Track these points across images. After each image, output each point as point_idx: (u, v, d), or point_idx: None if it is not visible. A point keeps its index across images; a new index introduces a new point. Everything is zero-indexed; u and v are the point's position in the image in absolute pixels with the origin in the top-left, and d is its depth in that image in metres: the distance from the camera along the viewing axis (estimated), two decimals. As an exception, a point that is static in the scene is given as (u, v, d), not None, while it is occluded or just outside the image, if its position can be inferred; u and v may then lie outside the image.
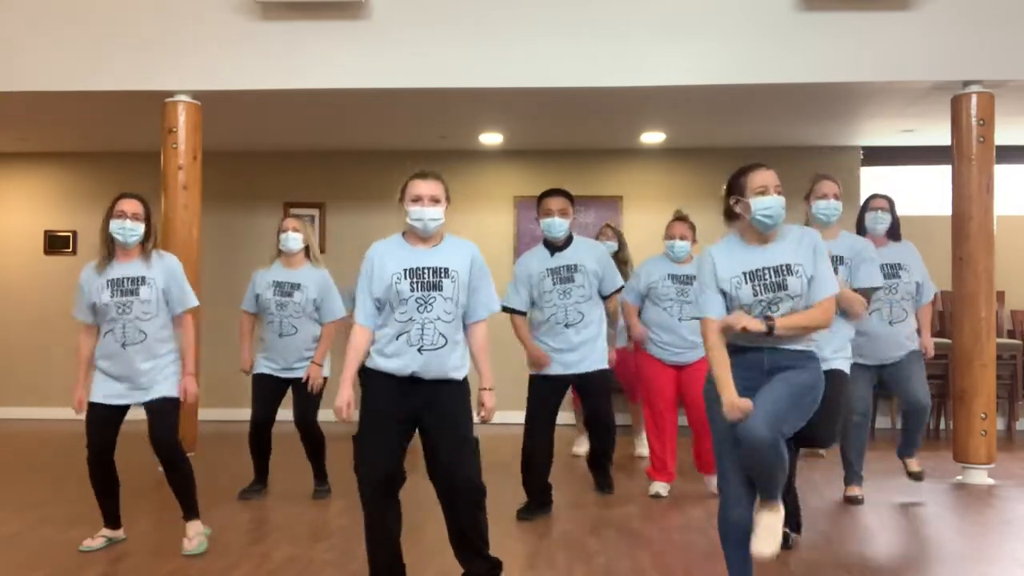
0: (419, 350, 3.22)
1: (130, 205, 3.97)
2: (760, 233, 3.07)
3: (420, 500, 5.10)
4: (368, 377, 3.31)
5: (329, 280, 5.13)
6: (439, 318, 3.25)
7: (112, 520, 4.15)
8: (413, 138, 7.73)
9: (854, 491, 5.05)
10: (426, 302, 3.23)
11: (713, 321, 3.06)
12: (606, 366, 4.77)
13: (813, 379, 3.05)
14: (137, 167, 8.12)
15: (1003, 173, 7.00)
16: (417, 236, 3.35)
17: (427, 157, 8.14)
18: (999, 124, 5.75)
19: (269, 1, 5.64)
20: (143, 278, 3.97)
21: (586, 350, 4.66)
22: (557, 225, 4.66)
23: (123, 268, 3.99)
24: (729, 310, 3.07)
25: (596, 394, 4.84)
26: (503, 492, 5.15)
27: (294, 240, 5.05)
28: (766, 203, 3.01)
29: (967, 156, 5.65)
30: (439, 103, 6.40)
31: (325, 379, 5.14)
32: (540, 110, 6.75)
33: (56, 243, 8.62)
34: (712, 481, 5.13)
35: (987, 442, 5.63)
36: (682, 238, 5.07)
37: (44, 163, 8.63)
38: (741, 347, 3.05)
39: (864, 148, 8.14)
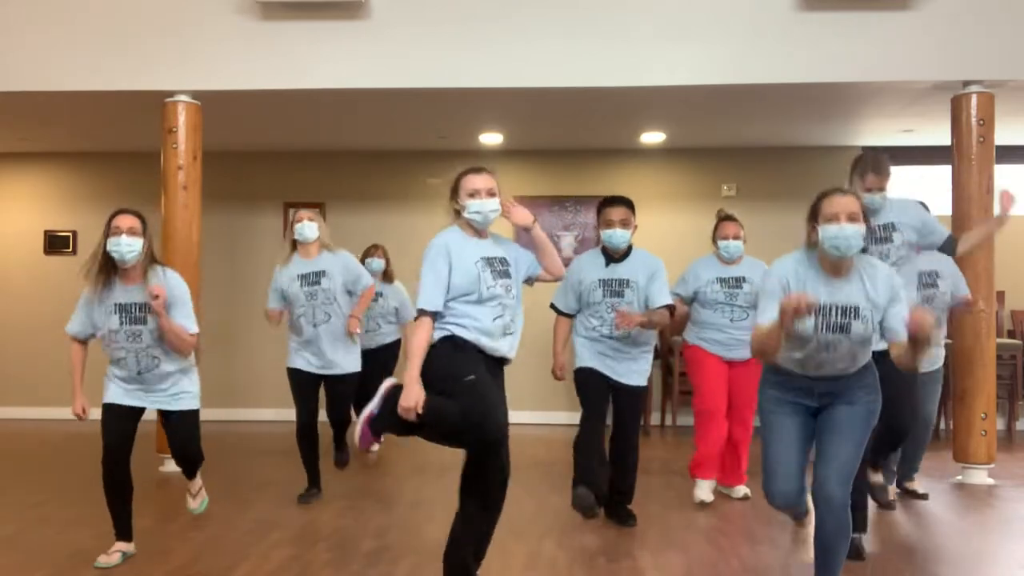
0: (504, 333, 3.29)
1: (126, 220, 3.77)
2: (833, 263, 2.97)
3: (420, 501, 5.11)
4: (458, 348, 3.23)
5: (351, 259, 5.21)
6: (516, 300, 3.33)
7: (124, 532, 3.95)
8: (413, 138, 7.73)
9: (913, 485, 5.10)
10: (508, 289, 3.29)
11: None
12: (644, 383, 4.58)
13: (869, 409, 3.04)
14: (137, 167, 8.14)
15: (1003, 173, 6.99)
16: (474, 229, 3.34)
17: (427, 157, 8.16)
18: (999, 124, 5.75)
19: (269, 1, 5.63)
20: (150, 307, 3.75)
21: (631, 364, 4.49)
22: (619, 236, 4.46)
23: (129, 293, 3.80)
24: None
25: (628, 408, 4.55)
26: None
27: (310, 228, 5.07)
28: (832, 232, 2.91)
29: (967, 156, 5.65)
30: (439, 103, 6.40)
31: (355, 374, 5.20)
32: (540, 110, 6.75)
33: (56, 243, 8.62)
34: (738, 491, 5.13)
35: (987, 442, 5.63)
36: (735, 237, 4.96)
37: (44, 163, 8.63)
38: (793, 373, 3.01)
39: (864, 148, 8.13)
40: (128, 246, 3.74)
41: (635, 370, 4.51)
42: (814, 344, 2.93)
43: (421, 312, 3.22)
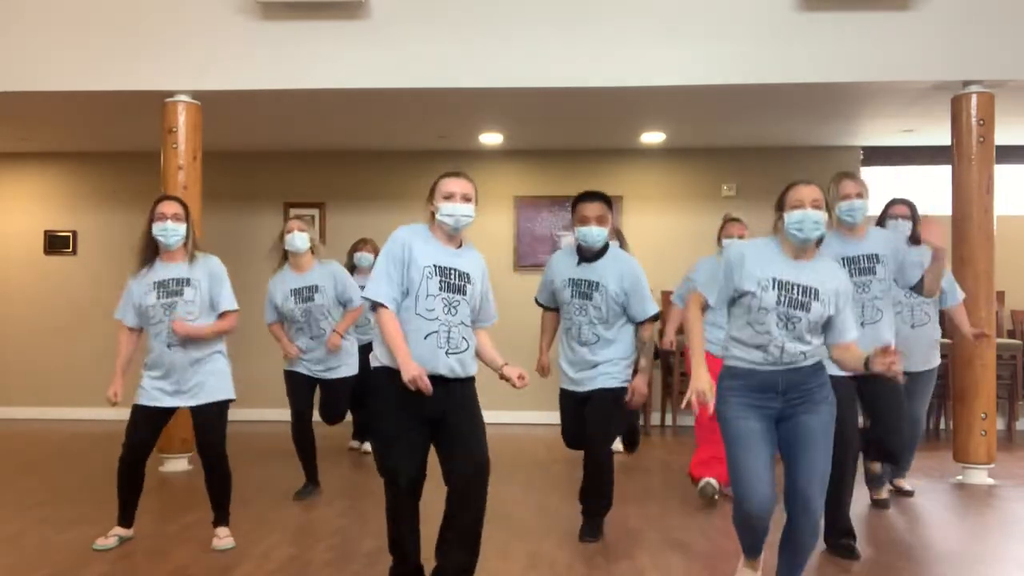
0: (446, 353, 3.19)
1: (169, 207, 4.04)
2: (796, 248, 3.10)
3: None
4: (383, 378, 3.21)
5: (342, 272, 5.24)
6: (462, 322, 3.25)
7: (127, 520, 4.18)
8: (413, 138, 7.73)
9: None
10: (451, 304, 3.22)
11: (702, 300, 3.21)
12: (615, 385, 4.18)
13: (831, 415, 3.10)
14: (137, 167, 8.15)
15: (1003, 173, 7.00)
16: (444, 234, 3.33)
17: (427, 157, 8.16)
18: (999, 124, 5.76)
19: (269, 1, 5.63)
20: (188, 279, 4.03)
21: (600, 369, 4.18)
22: (595, 235, 4.13)
23: (168, 270, 4.04)
24: (738, 310, 3.12)
25: (594, 416, 4.17)
26: (502, 493, 5.15)
27: (301, 240, 5.09)
28: (796, 216, 3.05)
29: (967, 156, 5.65)
30: (439, 103, 6.40)
31: (350, 378, 5.31)
32: (540, 110, 6.75)
33: (56, 243, 8.62)
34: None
35: (987, 442, 5.63)
36: (740, 236, 4.91)
37: (44, 163, 8.63)
38: (754, 370, 3.06)
39: (864, 148, 8.14)
40: (173, 231, 4.02)
41: (604, 375, 4.19)
42: (774, 319, 3.01)
43: (373, 304, 3.21)
